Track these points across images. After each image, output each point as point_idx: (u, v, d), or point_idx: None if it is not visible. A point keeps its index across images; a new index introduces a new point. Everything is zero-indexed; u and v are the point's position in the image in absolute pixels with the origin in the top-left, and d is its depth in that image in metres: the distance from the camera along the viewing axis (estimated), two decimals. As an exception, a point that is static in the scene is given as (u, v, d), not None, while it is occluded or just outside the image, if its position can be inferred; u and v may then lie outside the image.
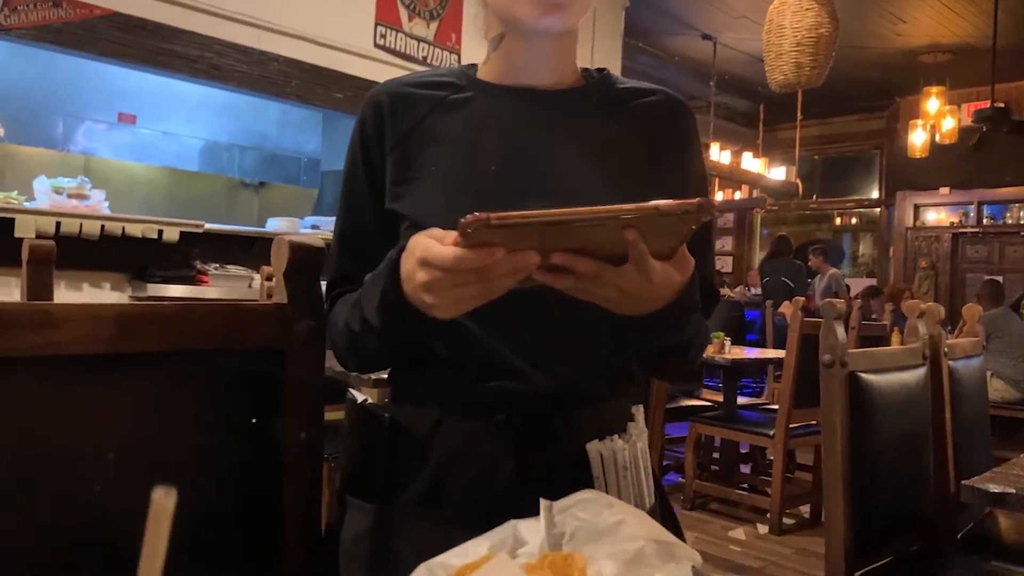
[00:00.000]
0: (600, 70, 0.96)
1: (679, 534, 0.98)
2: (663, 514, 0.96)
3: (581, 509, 0.58)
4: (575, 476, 0.79)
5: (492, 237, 0.61)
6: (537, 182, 0.85)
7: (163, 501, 0.30)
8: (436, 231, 0.68)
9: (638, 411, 0.93)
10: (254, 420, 0.90)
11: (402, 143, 0.89)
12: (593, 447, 0.84)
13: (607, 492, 0.81)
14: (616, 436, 0.86)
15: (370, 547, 0.87)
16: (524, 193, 0.82)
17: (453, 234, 0.64)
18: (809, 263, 8.04)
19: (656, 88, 0.96)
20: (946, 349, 1.99)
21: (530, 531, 0.57)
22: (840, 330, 1.65)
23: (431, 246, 0.66)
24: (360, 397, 0.94)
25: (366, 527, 0.87)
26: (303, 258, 0.93)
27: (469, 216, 0.59)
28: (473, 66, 0.96)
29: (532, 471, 0.82)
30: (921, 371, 1.85)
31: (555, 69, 0.92)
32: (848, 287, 8.43)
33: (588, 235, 0.63)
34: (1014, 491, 1.33)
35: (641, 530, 0.55)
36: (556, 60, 0.91)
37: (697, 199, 0.60)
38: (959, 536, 1.97)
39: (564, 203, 0.71)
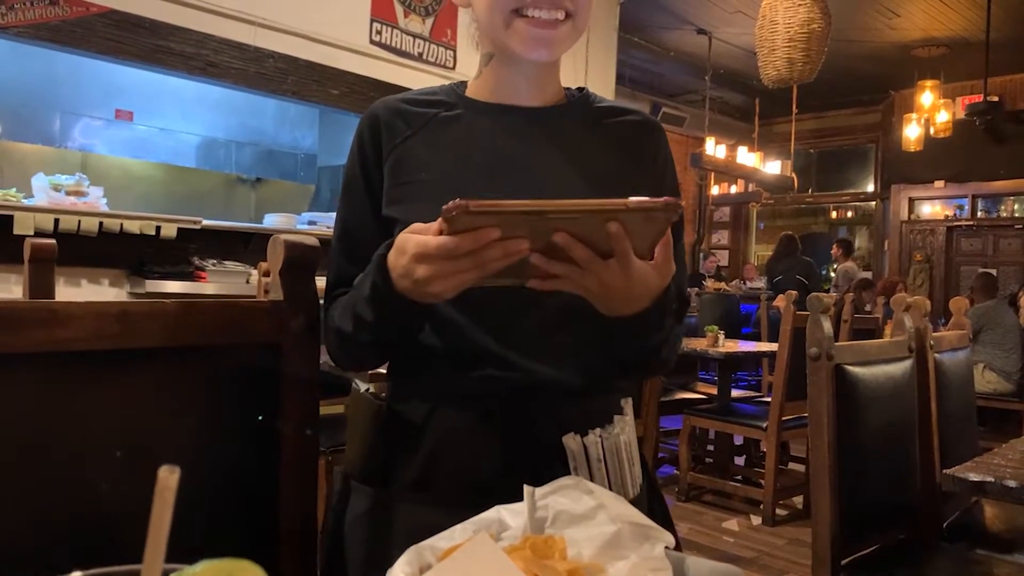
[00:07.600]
0: (580, 89, 1.03)
1: (668, 523, 1.01)
2: (651, 504, 0.99)
3: (562, 495, 0.61)
4: (555, 466, 0.84)
5: (473, 224, 0.64)
6: (524, 189, 0.89)
7: (168, 478, 0.32)
8: (417, 225, 0.72)
9: (627, 404, 0.96)
10: (252, 414, 0.93)
11: (395, 152, 0.95)
12: (568, 439, 0.88)
13: None
14: (595, 430, 0.89)
15: (366, 528, 0.93)
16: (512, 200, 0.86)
17: (435, 225, 0.68)
18: (833, 252, 8.67)
19: (630, 107, 1.05)
20: (932, 342, 2.02)
21: (513, 516, 0.60)
22: (827, 324, 1.68)
23: (425, 241, 0.70)
24: (363, 387, 0.98)
25: (364, 509, 0.93)
26: (298, 256, 0.95)
27: (451, 203, 0.63)
28: (463, 84, 1.02)
29: (515, 460, 0.87)
30: (907, 363, 1.88)
31: (541, 90, 0.98)
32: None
33: (565, 229, 0.66)
34: (993, 479, 1.36)
35: (618, 514, 0.58)
36: (542, 82, 0.98)
37: (664, 198, 0.63)
38: (945, 525, 2.00)
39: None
